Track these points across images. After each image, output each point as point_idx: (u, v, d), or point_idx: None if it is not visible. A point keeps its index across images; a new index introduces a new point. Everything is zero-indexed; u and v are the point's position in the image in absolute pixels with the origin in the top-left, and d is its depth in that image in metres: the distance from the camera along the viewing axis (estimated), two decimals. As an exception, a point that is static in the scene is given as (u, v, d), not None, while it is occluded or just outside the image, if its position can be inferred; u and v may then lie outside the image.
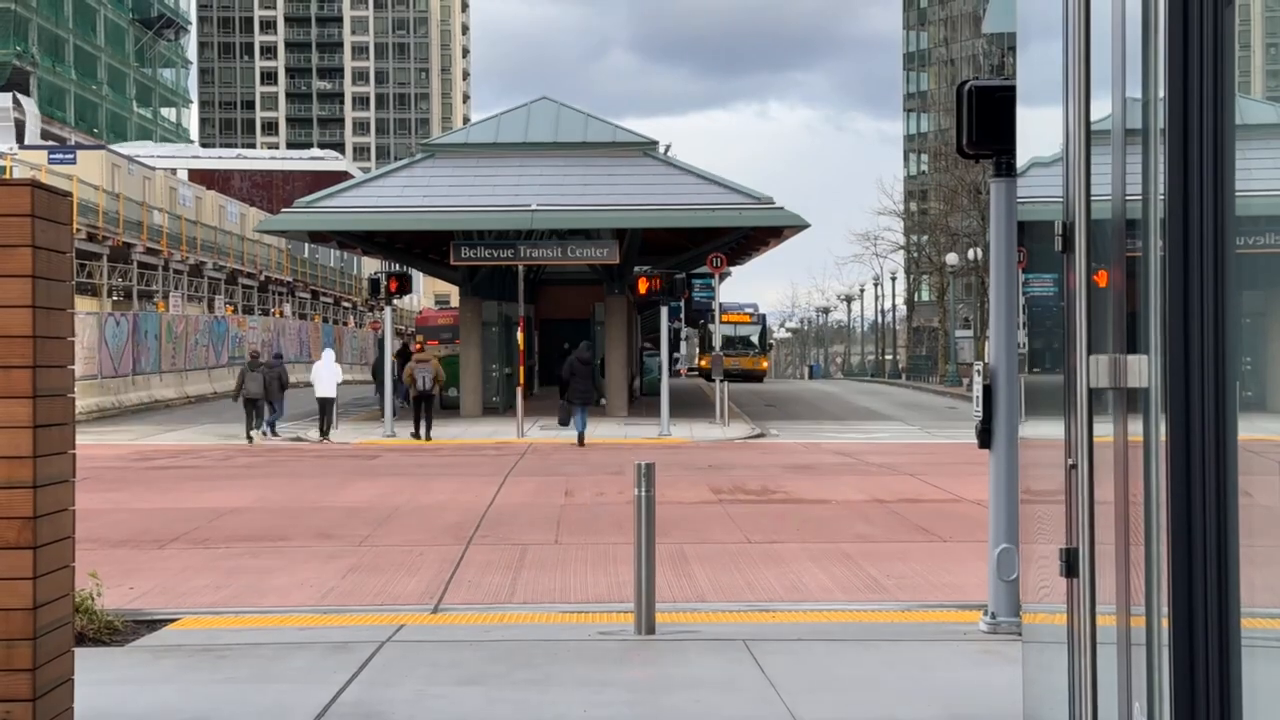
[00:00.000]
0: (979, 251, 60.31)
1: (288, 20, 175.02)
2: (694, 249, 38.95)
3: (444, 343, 45.48)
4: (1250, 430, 4.27)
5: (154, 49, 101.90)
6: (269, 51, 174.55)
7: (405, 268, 43.96)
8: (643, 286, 33.95)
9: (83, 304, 40.58)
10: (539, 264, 37.88)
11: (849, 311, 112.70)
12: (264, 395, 29.77)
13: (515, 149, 36.38)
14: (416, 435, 29.41)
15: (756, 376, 67.74)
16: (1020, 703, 5.79)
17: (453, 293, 45.10)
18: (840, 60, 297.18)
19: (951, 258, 63.07)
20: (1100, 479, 4.41)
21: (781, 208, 33.90)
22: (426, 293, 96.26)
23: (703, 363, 58.13)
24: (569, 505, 17.74)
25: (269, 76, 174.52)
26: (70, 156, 48.72)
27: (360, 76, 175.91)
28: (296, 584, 11.94)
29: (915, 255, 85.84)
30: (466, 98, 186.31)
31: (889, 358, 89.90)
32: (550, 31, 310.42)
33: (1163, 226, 4.10)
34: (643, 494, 9.40)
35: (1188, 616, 4.05)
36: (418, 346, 38.87)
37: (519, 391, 31.52)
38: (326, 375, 31.01)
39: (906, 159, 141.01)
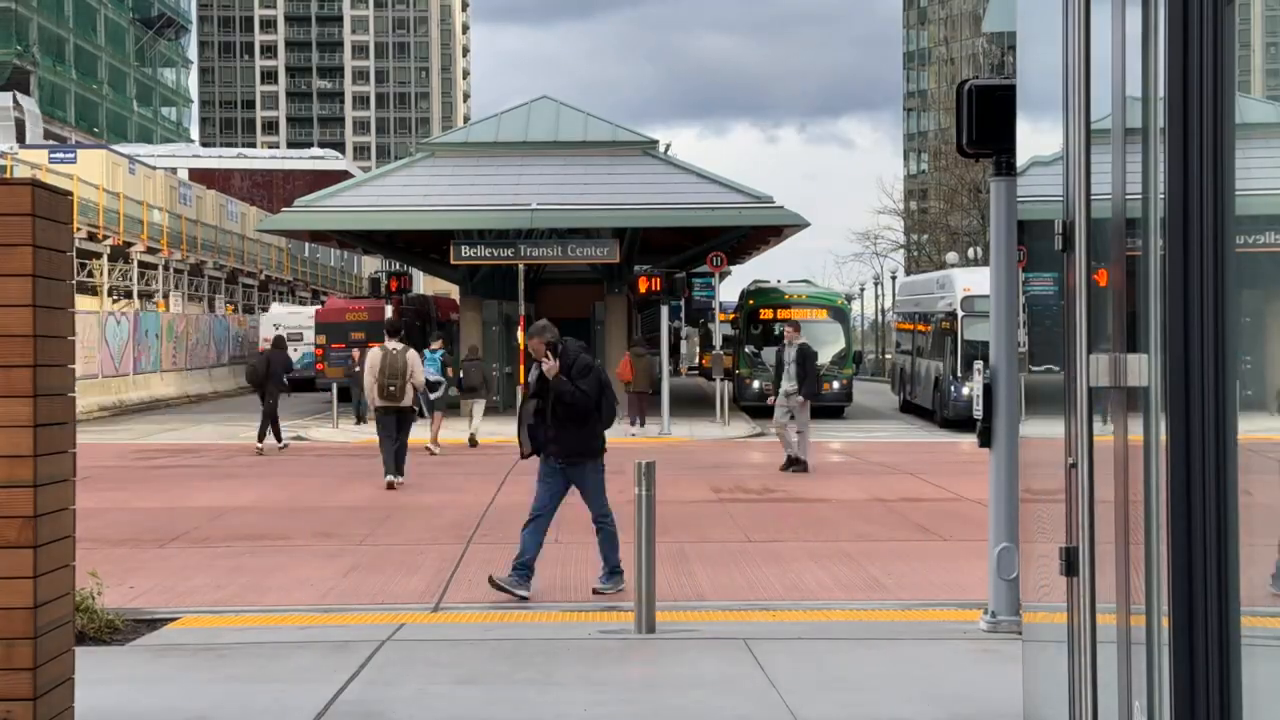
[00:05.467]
0: (979, 250, 60.36)
1: (288, 19, 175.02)
2: (694, 248, 38.96)
3: (352, 345, 43.54)
4: (1250, 429, 4.28)
5: (154, 48, 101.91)
6: (269, 51, 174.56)
7: (405, 267, 43.95)
8: (643, 286, 33.99)
9: (83, 303, 40.57)
10: (539, 263, 37.86)
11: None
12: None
13: (515, 148, 36.38)
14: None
15: None
16: (1020, 701, 5.79)
17: (452, 290, 45.06)
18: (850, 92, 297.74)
19: (951, 257, 63.07)
20: (1100, 478, 4.41)
21: (781, 207, 33.90)
22: (427, 291, 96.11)
23: (704, 361, 58.08)
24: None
25: (269, 76, 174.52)
26: (71, 156, 48.69)
27: (360, 76, 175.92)
28: (297, 583, 11.94)
29: (915, 254, 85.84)
30: (467, 97, 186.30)
31: (888, 356, 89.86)
32: (553, 50, 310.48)
33: (1163, 225, 4.11)
34: (643, 493, 9.40)
35: (1188, 615, 4.05)
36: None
37: (519, 391, 31.51)
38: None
39: (906, 158, 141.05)
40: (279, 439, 26.28)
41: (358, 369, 29.82)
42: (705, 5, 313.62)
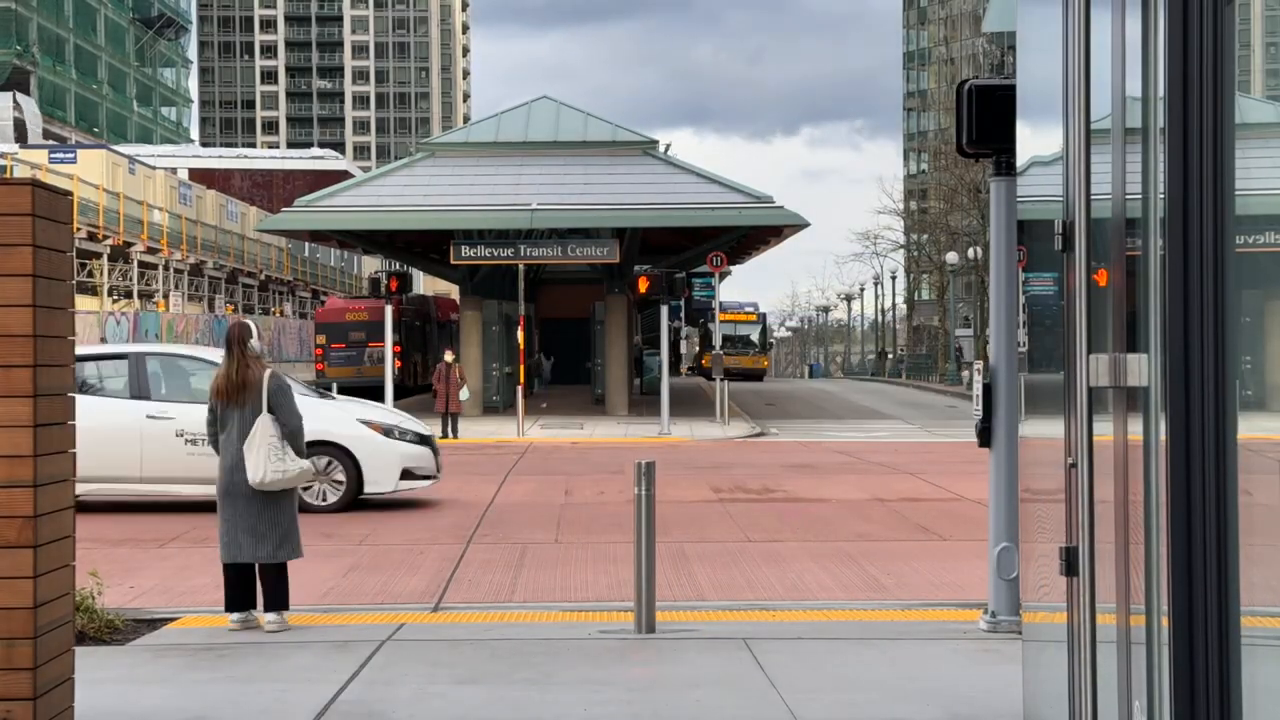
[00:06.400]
0: (979, 250, 60.34)
1: (288, 19, 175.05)
2: (694, 248, 38.98)
3: (352, 346, 43.94)
4: (1250, 429, 4.28)
5: (154, 48, 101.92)
6: (269, 51, 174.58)
7: (405, 267, 43.96)
8: (643, 285, 33.99)
9: (83, 303, 40.56)
10: (539, 263, 37.92)
11: (849, 310, 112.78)
12: None
13: (515, 148, 36.39)
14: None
15: (756, 375, 67.90)
16: (1020, 701, 5.80)
17: (452, 290, 45.11)
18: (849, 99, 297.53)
19: (951, 256, 63.10)
20: (1100, 478, 4.42)
21: (781, 206, 33.92)
22: (426, 291, 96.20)
23: (704, 361, 58.34)
24: (569, 504, 17.74)
25: (269, 76, 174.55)
26: (71, 156, 48.71)
27: (360, 76, 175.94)
28: (296, 583, 11.89)
29: (915, 254, 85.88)
30: (466, 97, 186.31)
31: (889, 356, 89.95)
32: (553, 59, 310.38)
33: (1163, 225, 4.11)
34: (643, 493, 9.40)
35: (1187, 615, 4.05)
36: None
37: (519, 390, 31.52)
38: None
39: (906, 158, 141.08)
40: None
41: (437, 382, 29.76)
42: (705, 10, 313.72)
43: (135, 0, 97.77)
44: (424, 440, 17.15)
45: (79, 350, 12.75)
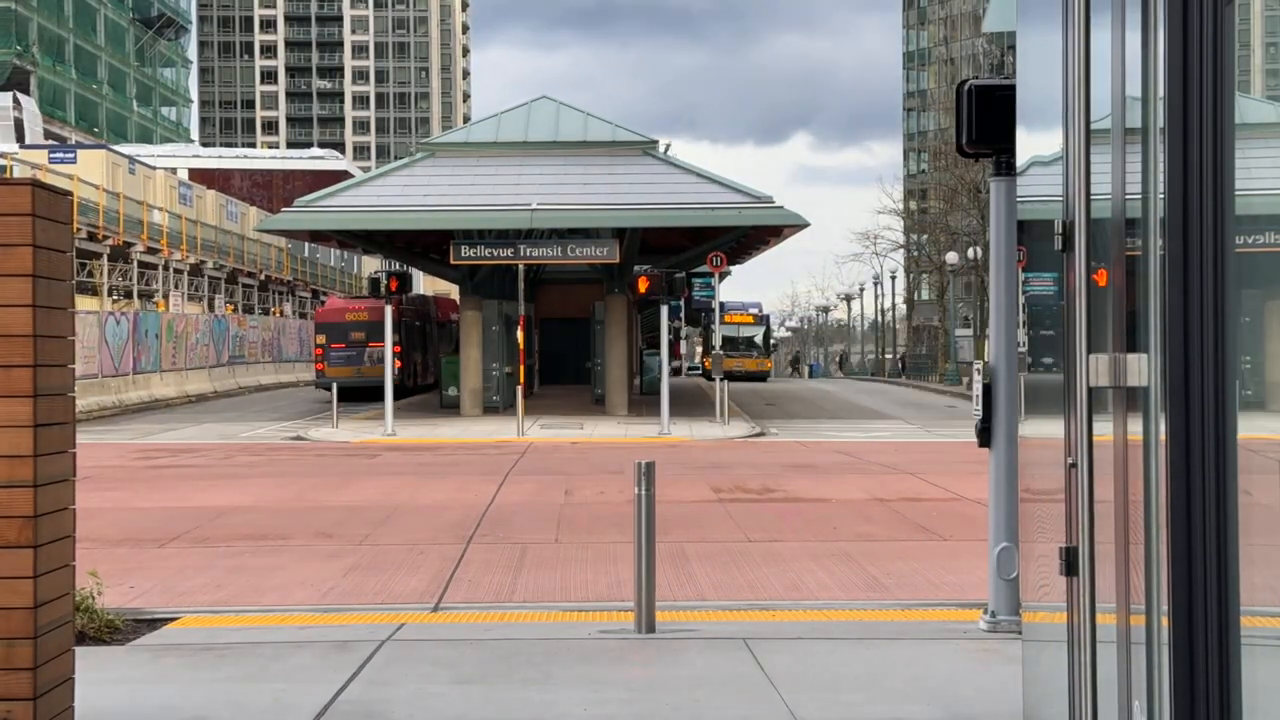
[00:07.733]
0: (979, 250, 60.36)
1: (288, 19, 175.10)
2: (694, 248, 38.97)
3: (352, 346, 44.63)
4: (1250, 429, 4.28)
5: (154, 48, 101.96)
6: (269, 51, 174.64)
7: (405, 267, 43.96)
8: (643, 285, 33.97)
9: (83, 303, 40.57)
10: (539, 263, 37.88)
11: (849, 310, 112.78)
12: None
13: (515, 148, 36.37)
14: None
15: (760, 377, 68.02)
16: (1020, 701, 5.80)
17: (452, 290, 45.12)
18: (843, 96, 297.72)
19: (951, 256, 63.12)
20: (1100, 478, 4.42)
21: (781, 206, 33.91)
22: (426, 291, 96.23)
23: (706, 361, 58.44)
24: (569, 504, 17.73)
25: (269, 76, 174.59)
26: (70, 156, 48.74)
27: (360, 76, 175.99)
28: (297, 583, 11.93)
29: (915, 254, 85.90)
30: (467, 97, 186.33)
31: (889, 356, 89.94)
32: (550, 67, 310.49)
33: (1163, 225, 4.11)
34: (643, 493, 9.40)
35: (1187, 615, 4.05)
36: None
37: (519, 390, 31.53)
38: None
39: (906, 158, 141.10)
40: None
41: None
42: (704, 12, 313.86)
43: (135, 0, 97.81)
44: None
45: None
